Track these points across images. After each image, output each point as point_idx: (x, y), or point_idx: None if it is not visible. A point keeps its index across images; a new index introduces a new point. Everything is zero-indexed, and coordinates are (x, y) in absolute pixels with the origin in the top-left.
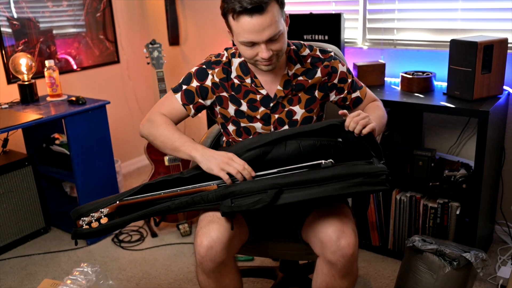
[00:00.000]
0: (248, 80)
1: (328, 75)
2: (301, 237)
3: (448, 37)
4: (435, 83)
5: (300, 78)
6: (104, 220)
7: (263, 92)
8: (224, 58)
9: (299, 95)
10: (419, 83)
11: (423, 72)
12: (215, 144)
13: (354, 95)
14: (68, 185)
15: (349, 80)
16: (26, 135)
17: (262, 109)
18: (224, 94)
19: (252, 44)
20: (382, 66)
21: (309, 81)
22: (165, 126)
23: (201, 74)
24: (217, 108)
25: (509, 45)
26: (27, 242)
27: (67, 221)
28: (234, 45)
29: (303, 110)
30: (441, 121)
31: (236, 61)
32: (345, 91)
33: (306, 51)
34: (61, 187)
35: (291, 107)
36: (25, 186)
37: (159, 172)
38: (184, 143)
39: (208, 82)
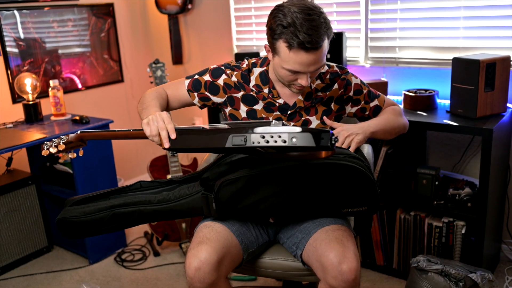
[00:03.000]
0: (265, 90)
1: (344, 87)
2: (302, 260)
3: (450, 55)
4: (438, 101)
5: (320, 93)
6: (61, 147)
7: (280, 101)
8: (244, 65)
9: (317, 106)
10: (422, 101)
11: (426, 90)
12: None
13: (372, 104)
14: None
15: (365, 91)
16: (30, 154)
17: (277, 113)
18: (237, 95)
19: (296, 72)
20: (385, 84)
21: (327, 93)
22: (151, 93)
23: (216, 72)
24: (228, 109)
25: None
26: (30, 261)
27: (70, 240)
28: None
29: (318, 121)
30: (445, 139)
31: (256, 71)
32: (362, 102)
33: (325, 68)
34: (64, 206)
35: (307, 117)
36: (29, 205)
37: None
38: (147, 107)
39: (220, 81)
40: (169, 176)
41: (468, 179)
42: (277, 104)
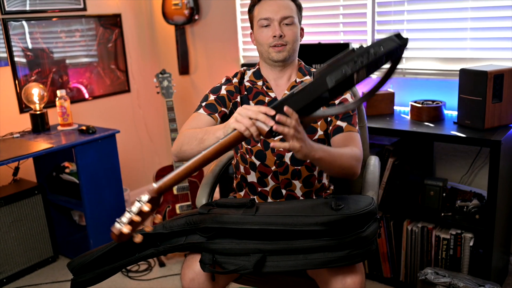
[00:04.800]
0: (259, 83)
1: None
2: (306, 272)
3: (457, 66)
4: (445, 112)
5: None
6: (148, 206)
7: (272, 95)
8: (238, 72)
9: None
10: (429, 112)
11: (433, 101)
12: (224, 172)
13: (339, 122)
14: (77, 214)
15: (345, 109)
16: (36, 164)
17: None
18: (238, 99)
19: (268, 24)
20: (391, 95)
21: None
22: (188, 131)
23: (215, 89)
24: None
25: None
26: (35, 271)
27: (75, 249)
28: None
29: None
30: (452, 150)
31: (250, 71)
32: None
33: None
34: (69, 216)
35: None
36: (35, 214)
37: (168, 201)
38: (206, 132)
39: (223, 91)
40: (174, 188)
41: (476, 191)
42: (266, 99)
